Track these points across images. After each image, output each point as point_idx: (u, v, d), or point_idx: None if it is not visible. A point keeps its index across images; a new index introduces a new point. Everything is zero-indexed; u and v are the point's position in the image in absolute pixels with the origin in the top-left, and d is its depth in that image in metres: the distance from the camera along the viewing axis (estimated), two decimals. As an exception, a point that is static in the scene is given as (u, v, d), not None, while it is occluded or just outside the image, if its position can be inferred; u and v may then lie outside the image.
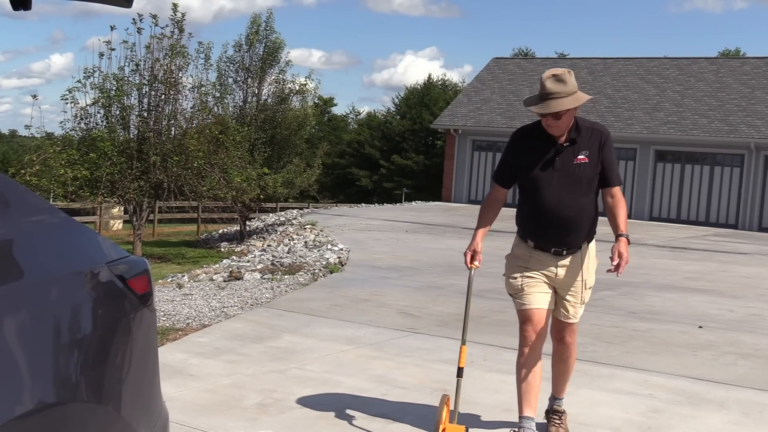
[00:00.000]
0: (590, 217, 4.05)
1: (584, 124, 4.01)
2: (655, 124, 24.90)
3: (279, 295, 8.23)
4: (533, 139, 4.02)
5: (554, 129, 3.90)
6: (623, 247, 3.90)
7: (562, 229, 3.97)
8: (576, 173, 3.94)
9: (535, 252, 4.05)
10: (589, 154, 3.94)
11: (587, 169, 3.95)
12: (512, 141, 4.12)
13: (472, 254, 4.03)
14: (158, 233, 23.81)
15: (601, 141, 3.99)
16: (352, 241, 13.57)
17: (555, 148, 3.95)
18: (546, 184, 3.96)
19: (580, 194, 3.96)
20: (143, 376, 2.31)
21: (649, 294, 9.13)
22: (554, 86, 3.81)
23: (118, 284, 2.24)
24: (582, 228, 4.02)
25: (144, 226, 16.02)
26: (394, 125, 49.86)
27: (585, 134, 3.97)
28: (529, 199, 4.05)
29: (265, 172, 17.29)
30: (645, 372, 5.59)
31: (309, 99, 20.23)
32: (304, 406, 4.55)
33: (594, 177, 3.97)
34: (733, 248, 16.18)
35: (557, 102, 3.80)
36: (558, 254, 4.02)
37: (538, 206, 3.99)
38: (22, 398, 1.68)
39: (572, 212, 3.95)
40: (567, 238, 4.01)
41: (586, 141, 3.96)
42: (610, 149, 4.01)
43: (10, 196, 2.13)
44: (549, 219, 3.96)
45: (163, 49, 14.86)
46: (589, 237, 4.12)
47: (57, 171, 13.50)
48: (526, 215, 4.08)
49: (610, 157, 4.03)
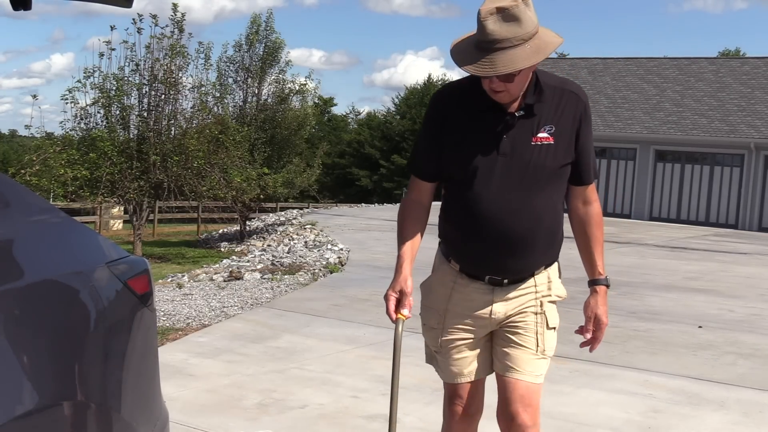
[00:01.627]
0: (551, 229, 2.62)
1: (549, 81, 2.56)
2: (655, 124, 24.90)
3: (279, 295, 8.23)
4: (466, 105, 2.56)
5: (502, 95, 2.45)
6: (601, 306, 2.65)
7: (504, 249, 2.55)
8: (533, 160, 2.51)
9: (460, 279, 2.66)
10: (555, 130, 2.52)
11: (552, 154, 2.52)
12: (433, 109, 2.63)
13: (397, 298, 2.60)
14: (158, 233, 23.81)
15: (577, 111, 2.56)
16: (352, 241, 13.57)
17: (502, 119, 2.50)
18: (484, 176, 2.52)
19: (538, 193, 2.54)
20: (143, 376, 2.31)
21: (649, 294, 9.13)
22: (500, 29, 2.34)
23: (118, 284, 2.24)
24: (537, 247, 2.59)
25: (144, 226, 16.02)
26: (394, 125, 49.87)
27: (550, 98, 2.54)
28: (456, 198, 2.62)
29: (265, 172, 17.29)
30: (645, 372, 5.59)
31: (309, 99, 20.27)
32: (304, 406, 4.55)
33: (561, 167, 2.56)
34: (733, 248, 16.18)
35: (507, 55, 2.34)
36: (495, 284, 2.62)
37: (469, 211, 2.56)
38: (21, 398, 1.68)
39: (523, 222, 2.53)
40: (511, 263, 2.58)
41: (551, 109, 2.53)
42: (588, 125, 2.61)
43: (10, 196, 2.13)
44: (484, 232, 2.54)
45: (163, 49, 14.87)
46: (550, 259, 2.70)
47: (57, 171, 13.50)
48: (450, 222, 2.66)
49: (589, 139, 2.62)
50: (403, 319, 2.59)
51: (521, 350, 2.63)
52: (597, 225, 2.69)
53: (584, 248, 2.71)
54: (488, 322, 2.65)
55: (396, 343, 2.57)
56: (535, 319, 2.65)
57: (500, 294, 2.63)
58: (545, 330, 2.66)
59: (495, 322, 2.65)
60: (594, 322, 2.66)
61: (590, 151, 2.64)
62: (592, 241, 2.69)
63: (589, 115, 2.61)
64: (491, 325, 2.66)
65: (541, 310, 2.66)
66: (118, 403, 2.09)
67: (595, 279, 2.68)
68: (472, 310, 2.64)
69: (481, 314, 2.64)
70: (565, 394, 4.89)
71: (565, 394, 4.91)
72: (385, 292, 2.62)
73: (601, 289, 2.67)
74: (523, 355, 2.62)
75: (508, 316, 2.64)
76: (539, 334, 2.65)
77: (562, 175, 2.59)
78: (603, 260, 2.70)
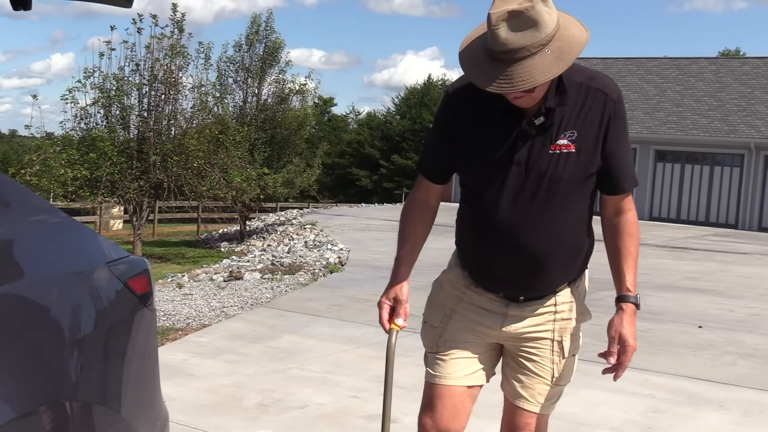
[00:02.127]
0: (574, 245, 2.38)
1: (575, 78, 2.25)
2: (655, 124, 24.90)
3: (279, 295, 8.23)
4: (481, 105, 2.28)
5: (523, 101, 2.20)
6: (627, 326, 2.33)
7: (518, 268, 2.33)
8: (550, 171, 2.25)
9: (474, 288, 2.43)
10: (578, 136, 2.24)
11: (573, 164, 2.25)
12: (444, 107, 2.39)
13: (391, 306, 2.42)
14: (158, 233, 23.82)
15: (606, 111, 2.26)
16: (352, 241, 13.57)
17: (518, 125, 2.25)
18: (496, 186, 2.28)
19: (557, 207, 2.28)
20: (143, 376, 2.31)
21: (649, 294, 9.13)
22: (515, 37, 2.04)
23: (118, 284, 2.24)
24: (555, 266, 2.34)
25: (144, 226, 16.02)
26: (394, 125, 49.88)
27: (574, 98, 2.25)
28: (469, 206, 2.40)
29: (265, 172, 17.30)
30: (645, 372, 5.59)
31: (309, 99, 20.27)
32: (304, 406, 4.55)
33: (587, 178, 2.29)
34: (733, 248, 16.18)
35: (525, 68, 2.06)
36: (511, 299, 2.40)
37: (481, 223, 2.34)
38: (22, 398, 1.68)
39: (539, 239, 2.29)
40: (526, 282, 2.36)
41: (574, 111, 2.25)
42: (620, 127, 2.30)
43: (10, 196, 2.13)
44: (496, 247, 2.32)
45: (163, 49, 14.87)
46: (573, 275, 2.43)
47: (57, 171, 13.51)
48: (463, 231, 2.46)
49: (620, 143, 2.31)
50: (397, 329, 2.39)
51: (535, 379, 2.43)
52: (629, 236, 2.37)
53: (613, 261, 2.39)
54: (498, 334, 2.41)
55: (389, 356, 2.36)
56: (551, 347, 2.41)
57: (515, 310, 2.39)
58: (561, 359, 2.44)
59: (506, 337, 2.41)
60: (619, 343, 2.33)
61: (622, 157, 2.33)
62: (622, 254, 2.37)
63: (621, 115, 2.29)
64: (501, 338, 2.43)
65: (558, 338, 2.41)
66: (118, 403, 2.09)
67: (622, 295, 2.36)
68: (482, 317, 2.41)
69: (491, 324, 2.40)
70: (565, 394, 4.85)
71: (565, 394, 4.87)
72: (379, 299, 2.43)
73: (628, 307, 2.34)
74: (536, 384, 2.43)
75: (522, 336, 2.40)
76: (555, 363, 2.43)
77: (587, 186, 2.31)
78: (635, 275, 2.38)
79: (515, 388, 2.44)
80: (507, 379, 2.47)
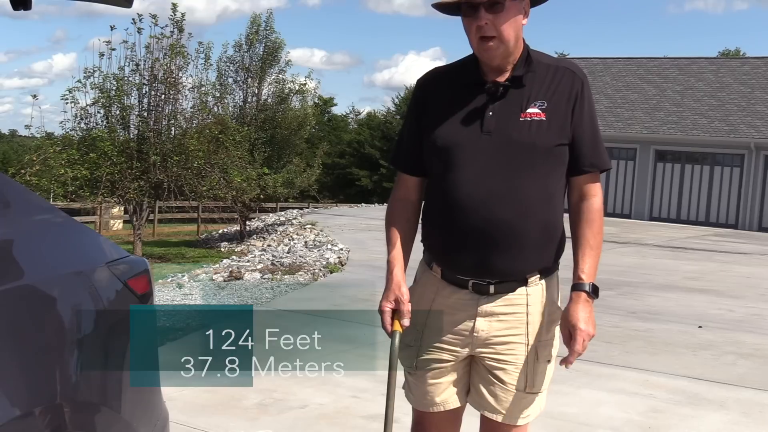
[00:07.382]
0: (546, 223, 2.29)
1: (542, 59, 2.31)
2: (655, 124, 24.90)
3: (279, 295, 8.23)
4: (448, 82, 2.33)
5: (492, 46, 2.19)
6: (575, 314, 2.25)
7: (487, 241, 2.23)
8: (522, 138, 2.22)
9: (442, 290, 2.36)
10: (548, 106, 2.25)
11: (544, 132, 2.23)
12: (414, 93, 2.43)
13: (393, 307, 2.33)
14: (158, 233, 23.81)
15: (573, 89, 2.28)
16: (352, 241, 13.56)
17: (486, 92, 2.26)
18: (465, 157, 2.25)
19: (528, 177, 2.23)
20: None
21: (649, 294, 9.13)
22: None
23: (118, 284, 2.24)
24: (527, 242, 2.25)
25: (144, 226, 16.01)
26: (394, 125, 49.85)
27: (543, 74, 2.29)
28: (436, 187, 2.34)
29: (265, 172, 17.29)
30: (645, 372, 5.59)
31: (309, 99, 20.25)
32: (304, 406, 4.55)
33: (556, 148, 2.25)
34: (732, 248, 16.17)
35: None
36: (480, 291, 2.30)
37: (449, 197, 2.27)
38: (22, 398, 1.68)
39: (510, 208, 2.22)
40: (496, 259, 2.25)
41: (543, 85, 2.27)
42: (586, 106, 2.30)
43: (10, 196, 2.13)
44: (464, 221, 2.24)
45: (163, 48, 14.87)
46: (545, 261, 2.34)
47: (57, 171, 13.50)
48: (430, 216, 2.39)
49: (588, 122, 2.30)
50: (400, 331, 2.30)
51: (505, 388, 2.31)
52: (588, 222, 2.30)
53: (574, 248, 2.32)
54: (469, 340, 2.32)
55: (392, 361, 2.28)
56: (524, 351, 2.30)
57: (486, 305, 2.30)
58: (536, 364, 2.32)
59: (477, 342, 2.31)
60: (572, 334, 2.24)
61: (589, 135, 2.30)
62: (579, 241, 2.30)
63: (587, 95, 2.30)
64: (472, 345, 2.32)
65: (531, 341, 2.31)
66: (118, 403, 2.09)
67: (574, 284, 2.28)
68: (453, 325, 2.32)
69: (462, 330, 2.31)
70: (565, 394, 4.89)
71: (566, 394, 4.90)
72: (378, 305, 2.33)
73: (579, 296, 2.25)
74: (505, 395, 2.32)
75: (493, 340, 2.30)
76: (528, 371, 2.31)
77: (558, 158, 2.26)
78: (592, 263, 2.28)
79: (485, 399, 2.35)
80: (476, 391, 2.37)
